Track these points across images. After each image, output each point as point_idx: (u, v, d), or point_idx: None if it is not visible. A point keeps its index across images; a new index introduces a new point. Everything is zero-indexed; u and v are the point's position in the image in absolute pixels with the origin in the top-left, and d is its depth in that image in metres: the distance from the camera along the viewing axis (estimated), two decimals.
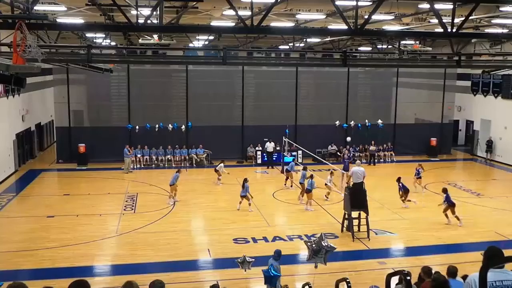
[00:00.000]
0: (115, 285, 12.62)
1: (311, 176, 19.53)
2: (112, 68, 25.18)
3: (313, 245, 10.94)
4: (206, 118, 28.35)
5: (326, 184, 20.77)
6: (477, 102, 31.69)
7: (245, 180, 19.25)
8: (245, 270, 11.34)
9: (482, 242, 15.12)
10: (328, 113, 30.25)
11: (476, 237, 16.18)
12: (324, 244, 10.90)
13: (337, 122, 29.46)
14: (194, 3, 13.75)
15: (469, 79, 31.97)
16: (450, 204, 17.32)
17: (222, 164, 23.49)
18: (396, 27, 19.47)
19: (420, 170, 21.92)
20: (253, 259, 11.29)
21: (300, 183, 20.58)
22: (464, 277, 6.84)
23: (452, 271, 8.19)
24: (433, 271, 8.88)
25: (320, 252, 10.71)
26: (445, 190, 17.72)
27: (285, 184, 23.05)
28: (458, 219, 17.28)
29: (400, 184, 19.81)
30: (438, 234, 16.59)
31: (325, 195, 20.71)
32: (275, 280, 10.64)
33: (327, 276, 12.43)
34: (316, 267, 10.99)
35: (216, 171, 23.26)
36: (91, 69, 22.81)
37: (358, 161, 18.58)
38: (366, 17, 11.32)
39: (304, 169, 20.75)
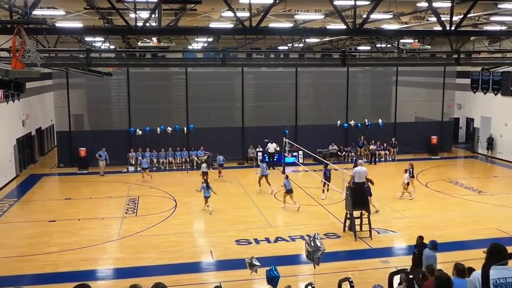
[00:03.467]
0: None
1: (287, 177, 19.73)
2: (111, 71, 25.20)
3: (308, 245, 10.95)
4: (206, 120, 28.34)
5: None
6: (477, 99, 31.69)
7: (286, 177, 19.54)
8: (251, 273, 11.35)
9: (484, 240, 15.10)
10: (328, 113, 30.26)
11: (478, 235, 16.16)
12: (317, 244, 10.89)
13: (338, 122, 29.47)
14: (193, 5, 13.76)
15: (469, 77, 31.97)
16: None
17: (204, 164, 23.45)
18: (394, 26, 19.50)
19: (411, 169, 21.16)
20: (259, 265, 11.24)
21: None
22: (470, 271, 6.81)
23: (460, 269, 7.70)
24: (436, 269, 8.89)
25: (315, 252, 10.72)
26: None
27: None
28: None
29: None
30: (440, 232, 16.52)
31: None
32: (276, 280, 10.63)
33: (329, 276, 12.43)
34: (315, 267, 11.03)
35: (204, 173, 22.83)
36: (90, 73, 22.84)
37: (360, 161, 18.57)
38: (364, 16, 11.35)
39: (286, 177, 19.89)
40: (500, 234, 16.08)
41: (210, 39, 27.40)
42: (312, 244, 10.85)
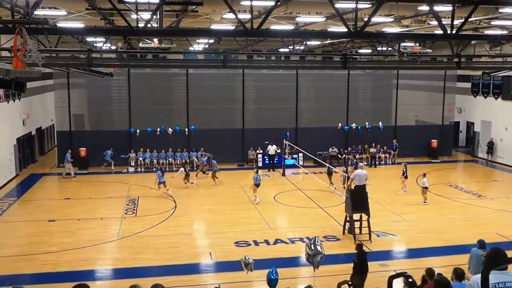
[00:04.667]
0: None
1: (257, 171, 21.41)
2: (112, 72, 25.21)
3: (308, 249, 10.95)
4: (207, 122, 28.35)
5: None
6: (477, 103, 31.69)
7: (256, 171, 21.39)
8: (247, 272, 11.35)
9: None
10: (329, 116, 30.26)
11: (478, 239, 16.10)
12: (317, 248, 10.89)
13: (339, 125, 29.46)
14: (194, 6, 13.77)
15: (469, 81, 31.98)
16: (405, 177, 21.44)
17: (182, 169, 23.76)
18: (395, 29, 19.49)
19: (404, 169, 22.17)
20: (252, 261, 11.29)
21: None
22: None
23: (459, 273, 7.89)
24: (436, 273, 8.87)
25: (315, 256, 10.71)
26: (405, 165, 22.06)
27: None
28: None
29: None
30: (439, 236, 16.57)
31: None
32: (274, 283, 10.64)
33: (329, 278, 12.42)
34: (314, 270, 11.02)
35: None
36: (91, 73, 22.86)
37: (361, 164, 18.61)
38: (365, 19, 11.35)
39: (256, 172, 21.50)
40: (500, 239, 16.05)
41: (211, 41, 27.40)
42: (313, 248, 10.85)
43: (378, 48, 27.92)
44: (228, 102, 29.57)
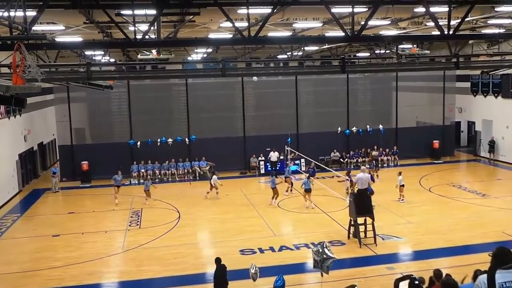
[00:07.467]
0: None
1: (308, 177, 21.32)
2: (112, 84, 25.28)
3: (315, 255, 10.92)
4: (208, 130, 28.35)
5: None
6: (477, 102, 31.69)
7: (308, 177, 21.27)
8: (254, 280, 11.32)
9: (490, 243, 15.01)
10: (329, 120, 30.25)
11: (483, 238, 16.08)
12: (326, 253, 10.87)
13: (339, 129, 29.46)
14: (191, 16, 13.84)
15: (469, 80, 32.00)
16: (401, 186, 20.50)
17: (215, 176, 22.97)
18: (393, 32, 19.56)
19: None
20: (257, 269, 11.25)
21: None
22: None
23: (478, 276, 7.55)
24: (443, 274, 8.82)
25: (325, 261, 10.69)
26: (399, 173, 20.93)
27: (287, 191, 23.25)
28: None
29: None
30: (444, 237, 16.51)
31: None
32: None
33: (335, 283, 12.37)
34: (322, 275, 10.97)
35: (211, 185, 22.72)
36: (91, 86, 22.92)
37: (363, 167, 18.57)
38: (362, 23, 11.39)
39: (308, 178, 21.34)
40: (505, 238, 15.98)
41: (210, 50, 27.52)
42: (320, 251, 10.82)
43: (376, 51, 27.99)
44: (228, 110, 29.61)
